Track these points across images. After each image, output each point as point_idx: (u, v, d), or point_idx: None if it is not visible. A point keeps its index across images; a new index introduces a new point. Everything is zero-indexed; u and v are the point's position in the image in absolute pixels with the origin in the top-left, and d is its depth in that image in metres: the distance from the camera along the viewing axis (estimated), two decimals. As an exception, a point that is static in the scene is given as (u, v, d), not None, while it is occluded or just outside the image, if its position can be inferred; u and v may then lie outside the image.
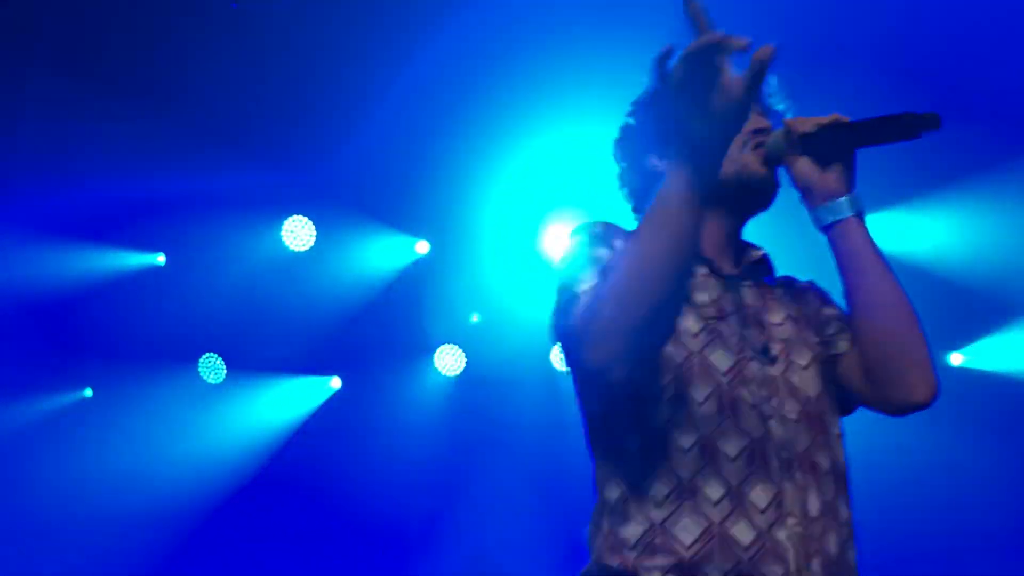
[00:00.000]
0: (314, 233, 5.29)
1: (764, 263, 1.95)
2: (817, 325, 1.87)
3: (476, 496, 5.34)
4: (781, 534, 1.59)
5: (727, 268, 1.84)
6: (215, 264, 5.30)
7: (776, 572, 1.57)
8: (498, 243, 5.13)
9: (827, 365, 1.82)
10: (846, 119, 1.79)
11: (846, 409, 1.85)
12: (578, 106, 4.49)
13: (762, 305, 1.82)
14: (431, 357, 5.44)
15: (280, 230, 5.27)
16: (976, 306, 5.08)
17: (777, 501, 1.60)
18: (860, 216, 1.83)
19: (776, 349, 1.75)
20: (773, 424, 1.66)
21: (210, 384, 5.55)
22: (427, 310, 5.38)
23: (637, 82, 1.97)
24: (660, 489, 1.62)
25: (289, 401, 5.59)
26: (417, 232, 5.32)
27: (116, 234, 5.22)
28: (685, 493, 1.61)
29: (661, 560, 1.59)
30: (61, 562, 5.22)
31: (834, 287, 1.97)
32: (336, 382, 5.65)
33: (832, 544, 1.63)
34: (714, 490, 1.60)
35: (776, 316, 1.82)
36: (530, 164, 4.89)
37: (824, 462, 1.68)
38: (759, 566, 1.57)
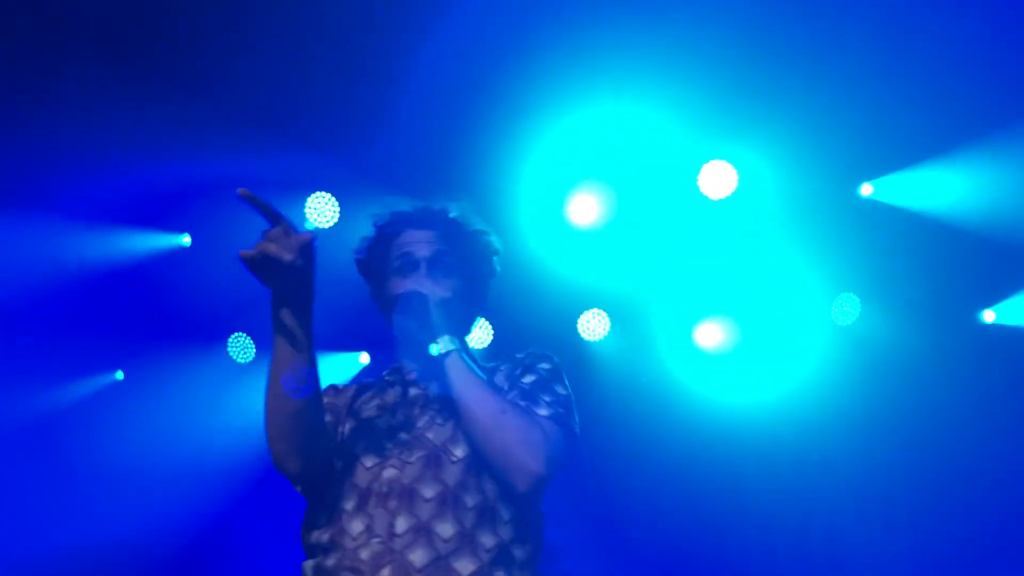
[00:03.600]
0: (338, 209, 5.29)
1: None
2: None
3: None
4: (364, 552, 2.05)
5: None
6: (240, 243, 5.29)
7: None
8: (526, 218, 5.12)
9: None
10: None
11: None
12: (600, 86, 4.49)
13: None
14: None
15: (303, 207, 5.27)
16: (1008, 262, 5.02)
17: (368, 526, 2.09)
18: (459, 351, 2.21)
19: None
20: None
21: (240, 363, 5.57)
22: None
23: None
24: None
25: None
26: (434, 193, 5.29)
27: (140, 216, 5.23)
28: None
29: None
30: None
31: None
32: (365, 357, 5.67)
33: (417, 558, 2.03)
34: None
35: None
36: (557, 141, 4.87)
37: (427, 491, 2.12)
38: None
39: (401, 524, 2.07)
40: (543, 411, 2.19)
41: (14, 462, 5.25)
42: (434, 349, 2.20)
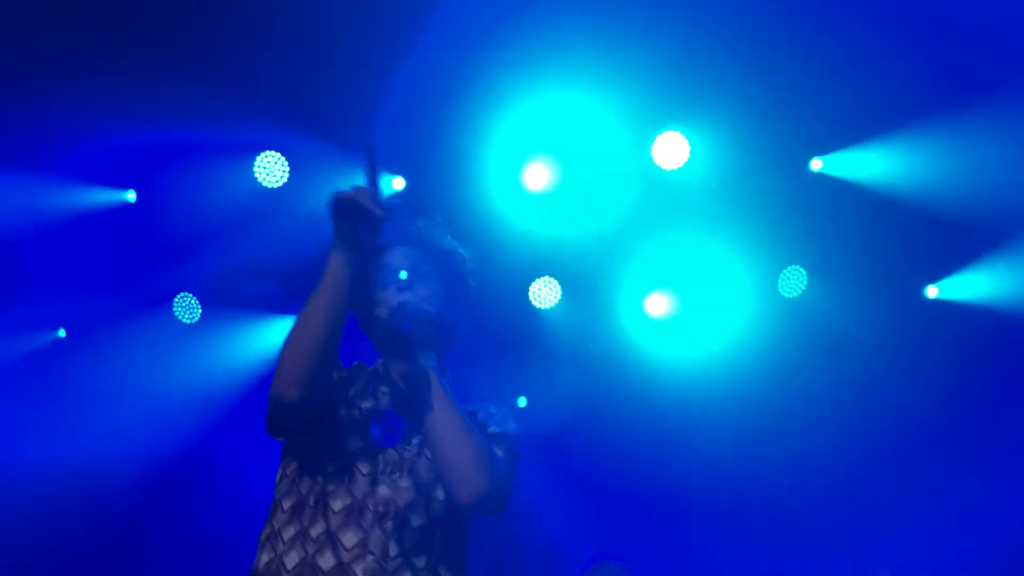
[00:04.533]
0: (287, 169, 5.21)
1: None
2: None
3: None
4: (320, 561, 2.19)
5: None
6: (187, 201, 5.22)
7: None
8: (479, 179, 5.10)
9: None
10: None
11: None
12: (558, 57, 4.48)
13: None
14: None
15: (252, 166, 5.19)
16: (952, 239, 5.11)
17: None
18: (434, 368, 2.34)
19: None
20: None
21: (186, 323, 5.50)
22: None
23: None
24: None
25: (267, 339, 5.56)
26: (392, 168, 5.25)
27: (85, 171, 5.12)
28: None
29: None
30: (36, 509, 5.21)
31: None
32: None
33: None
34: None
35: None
36: (516, 113, 4.86)
37: (416, 520, 2.28)
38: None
39: (393, 549, 2.23)
40: (500, 452, 2.38)
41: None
42: (422, 360, 2.33)
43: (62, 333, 5.62)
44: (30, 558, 5.28)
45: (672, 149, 5.01)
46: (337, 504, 2.25)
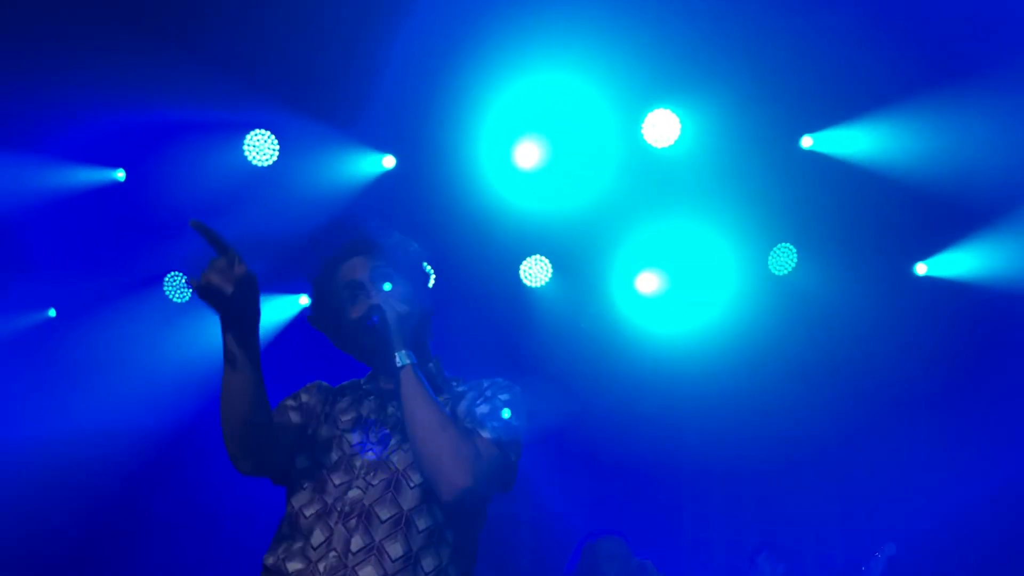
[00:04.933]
0: (277, 147, 5.20)
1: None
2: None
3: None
4: (321, 565, 2.26)
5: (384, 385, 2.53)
6: (177, 180, 5.20)
7: None
8: (471, 158, 5.10)
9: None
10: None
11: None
12: (550, 34, 4.47)
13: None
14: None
15: (242, 145, 5.17)
16: (940, 216, 5.13)
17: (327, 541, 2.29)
18: (413, 365, 2.37)
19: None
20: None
21: (176, 303, 5.50)
22: (394, 224, 5.35)
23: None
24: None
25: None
26: (384, 147, 5.24)
27: (74, 151, 5.09)
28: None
29: None
30: (29, 485, 5.22)
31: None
32: (305, 299, 5.62)
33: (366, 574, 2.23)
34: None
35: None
36: (509, 92, 4.85)
37: (384, 512, 2.31)
38: None
39: (356, 542, 2.27)
40: (486, 434, 2.35)
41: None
42: (398, 359, 2.35)
43: (52, 313, 5.60)
44: (28, 532, 5.29)
45: (663, 127, 5.00)
46: (308, 511, 2.35)
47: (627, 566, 4.52)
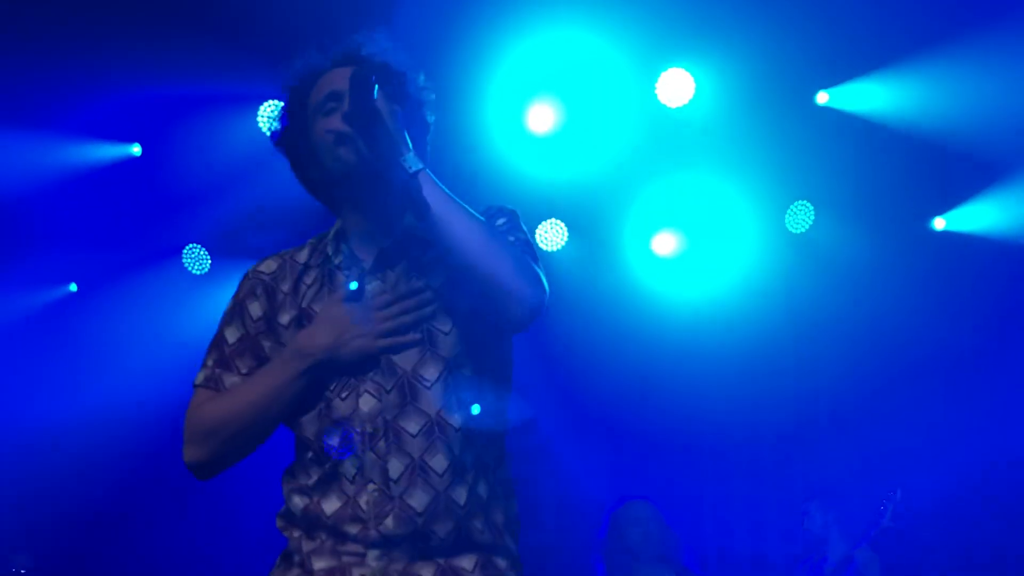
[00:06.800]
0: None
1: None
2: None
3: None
4: (362, 499, 1.91)
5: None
6: (193, 153, 5.22)
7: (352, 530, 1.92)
8: (484, 122, 5.08)
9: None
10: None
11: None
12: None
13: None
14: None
15: (257, 116, 5.17)
16: (959, 171, 5.10)
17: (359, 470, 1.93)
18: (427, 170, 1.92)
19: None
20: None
21: (196, 275, 5.53)
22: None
23: None
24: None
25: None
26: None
27: (90, 127, 5.12)
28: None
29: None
30: (49, 460, 5.29)
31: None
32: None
33: (417, 501, 1.90)
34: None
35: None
36: (520, 52, 4.83)
37: (412, 426, 1.93)
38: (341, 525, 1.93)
39: (395, 467, 1.91)
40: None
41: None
42: (407, 164, 1.85)
43: (73, 287, 5.65)
44: (48, 509, 5.36)
45: (677, 86, 4.98)
46: (325, 439, 1.96)
47: (651, 529, 4.51)
